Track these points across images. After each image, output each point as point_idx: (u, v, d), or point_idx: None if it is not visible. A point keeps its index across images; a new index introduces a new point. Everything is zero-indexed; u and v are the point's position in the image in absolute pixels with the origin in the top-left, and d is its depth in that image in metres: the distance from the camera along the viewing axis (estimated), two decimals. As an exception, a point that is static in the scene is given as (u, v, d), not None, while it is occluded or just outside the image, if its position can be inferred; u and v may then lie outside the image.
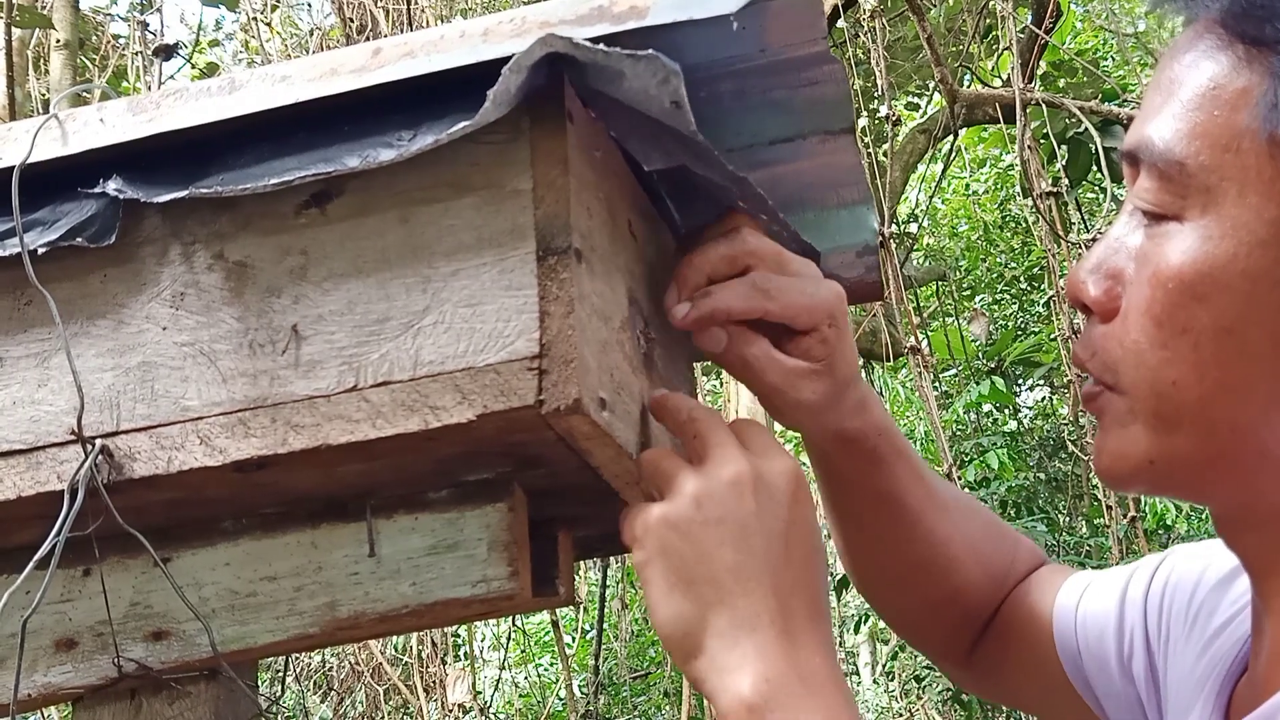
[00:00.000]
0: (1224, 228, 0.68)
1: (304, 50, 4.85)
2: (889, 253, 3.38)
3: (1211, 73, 0.69)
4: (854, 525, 1.00)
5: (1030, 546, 1.06)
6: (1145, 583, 0.94)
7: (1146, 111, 0.73)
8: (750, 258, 0.85)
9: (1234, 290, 0.67)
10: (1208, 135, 0.69)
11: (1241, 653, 0.81)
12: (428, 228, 0.74)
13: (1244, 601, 0.84)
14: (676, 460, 0.76)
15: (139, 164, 0.78)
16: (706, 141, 0.76)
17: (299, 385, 0.74)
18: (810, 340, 0.87)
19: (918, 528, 0.97)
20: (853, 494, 0.97)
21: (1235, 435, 0.69)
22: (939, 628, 1.05)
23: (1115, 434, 0.74)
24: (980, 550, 1.02)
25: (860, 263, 0.97)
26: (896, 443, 0.96)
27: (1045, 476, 6.45)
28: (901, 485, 0.96)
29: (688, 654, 0.73)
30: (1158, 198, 0.71)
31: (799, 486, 0.76)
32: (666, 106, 0.73)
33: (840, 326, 0.88)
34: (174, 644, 0.79)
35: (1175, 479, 0.73)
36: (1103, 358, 0.74)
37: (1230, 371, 0.68)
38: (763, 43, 0.81)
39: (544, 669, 6.73)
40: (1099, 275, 0.75)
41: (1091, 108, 4.41)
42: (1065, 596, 0.98)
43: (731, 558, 0.72)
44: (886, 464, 0.95)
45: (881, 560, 1.01)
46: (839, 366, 0.89)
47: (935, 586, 1.00)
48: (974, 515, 1.03)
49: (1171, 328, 0.69)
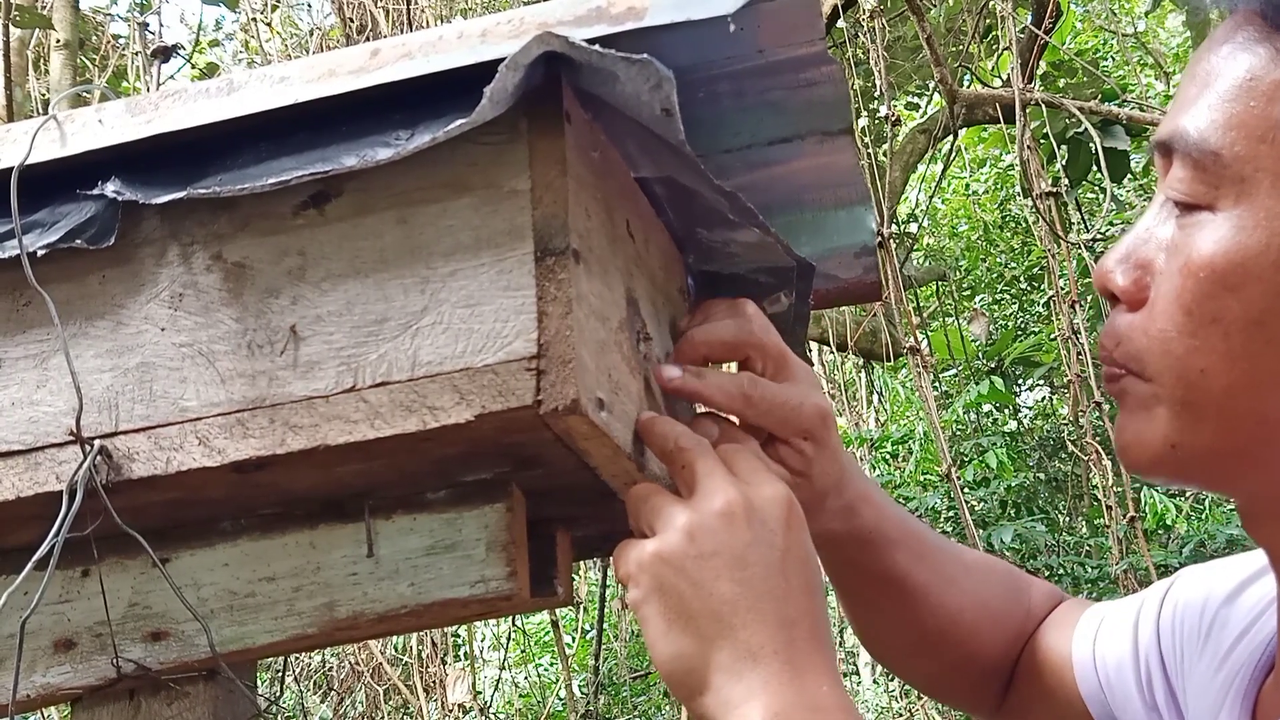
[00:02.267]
0: (1257, 218, 0.68)
1: (304, 50, 4.85)
2: (889, 253, 3.38)
3: (1249, 64, 0.69)
4: (861, 605, 1.00)
5: (1045, 588, 1.06)
6: (1155, 610, 0.94)
7: (1181, 102, 0.72)
8: (753, 350, 0.85)
9: (1266, 281, 0.67)
10: (1244, 126, 0.68)
11: (1263, 658, 0.81)
12: (426, 228, 0.74)
13: (1257, 611, 0.84)
14: (665, 494, 0.76)
15: (138, 165, 0.78)
16: (693, 154, 0.76)
17: (297, 386, 0.74)
18: (787, 451, 0.87)
19: (924, 605, 0.97)
20: (853, 578, 0.96)
21: (1262, 426, 0.69)
22: (962, 687, 1.04)
23: (1138, 416, 0.73)
24: (994, 613, 1.01)
25: (859, 263, 0.97)
26: (891, 534, 0.95)
27: (1045, 476, 6.45)
28: (902, 570, 0.96)
29: (692, 691, 0.72)
30: (1191, 188, 0.70)
31: (791, 512, 0.75)
32: (657, 113, 0.73)
33: (820, 442, 0.88)
34: (173, 644, 0.79)
35: (1198, 467, 0.73)
36: (1128, 347, 0.73)
37: (1259, 362, 0.68)
38: (760, 43, 0.81)
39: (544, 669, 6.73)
40: (1128, 265, 0.74)
41: (1091, 108, 4.41)
42: (1081, 642, 0.98)
43: (729, 590, 0.71)
44: (884, 555, 0.95)
45: (891, 638, 1.01)
46: (816, 479, 0.89)
47: (952, 653, 1.00)
48: (986, 576, 1.02)
49: (1201, 317, 0.69)
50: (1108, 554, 5.07)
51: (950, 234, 8.43)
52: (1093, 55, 6.55)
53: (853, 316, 5.36)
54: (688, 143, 0.86)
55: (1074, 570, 5.50)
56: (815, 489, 0.89)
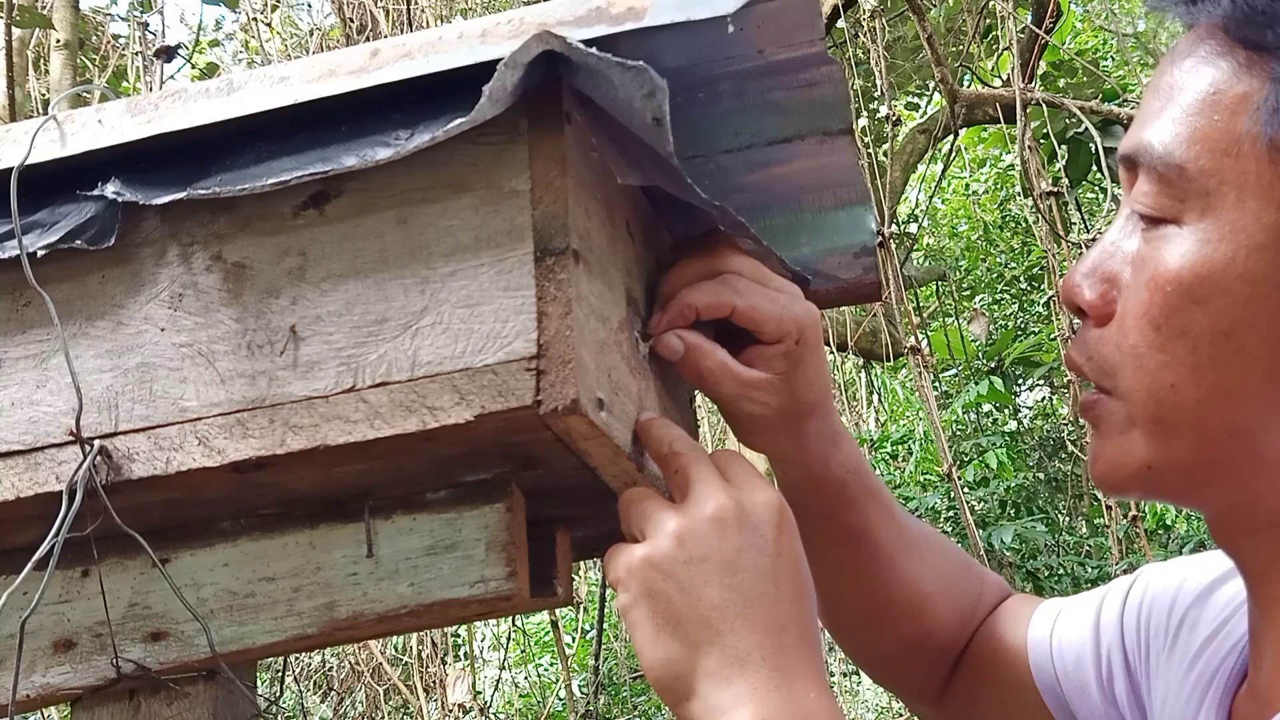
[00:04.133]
0: (1223, 232, 0.68)
1: (304, 50, 4.85)
2: (889, 253, 3.38)
3: (1212, 78, 0.69)
4: (827, 567, 0.97)
5: (996, 580, 1.06)
6: (1119, 604, 0.94)
7: (1145, 116, 0.73)
8: (728, 270, 0.85)
9: (1233, 294, 0.67)
10: (1208, 140, 0.69)
11: (1237, 664, 0.81)
12: (426, 228, 0.74)
13: (1227, 613, 0.84)
14: (657, 499, 0.76)
15: (138, 165, 0.78)
16: (680, 168, 0.76)
17: (297, 386, 0.74)
18: (773, 351, 0.86)
19: (890, 567, 0.96)
20: (824, 533, 0.95)
21: (1233, 439, 0.69)
22: (913, 668, 1.03)
23: (1113, 441, 0.74)
24: (950, 587, 1.01)
25: (858, 263, 0.97)
26: (868, 482, 0.95)
27: (1045, 476, 6.45)
28: (873, 524, 0.95)
29: (679, 697, 0.72)
30: (1156, 201, 0.71)
31: (783, 518, 0.75)
32: (648, 122, 0.73)
33: (808, 344, 0.87)
34: (172, 645, 0.79)
35: (1172, 484, 0.73)
36: (1098, 362, 0.74)
37: (1228, 375, 0.68)
38: (760, 43, 0.81)
39: (544, 669, 6.73)
40: (1094, 279, 0.75)
41: (1091, 108, 4.41)
42: (1038, 627, 0.98)
43: (718, 596, 0.71)
44: (858, 503, 0.94)
45: (854, 602, 1.00)
46: (799, 386, 0.87)
47: (908, 626, 0.99)
48: (944, 552, 1.02)
49: (1169, 331, 0.69)
50: (1108, 554, 5.07)
51: (950, 234, 8.42)
52: (1093, 55, 6.55)
53: (853, 316, 5.36)
54: (688, 143, 0.86)
55: (1074, 570, 5.50)
56: (797, 398, 0.88)
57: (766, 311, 0.85)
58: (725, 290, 0.83)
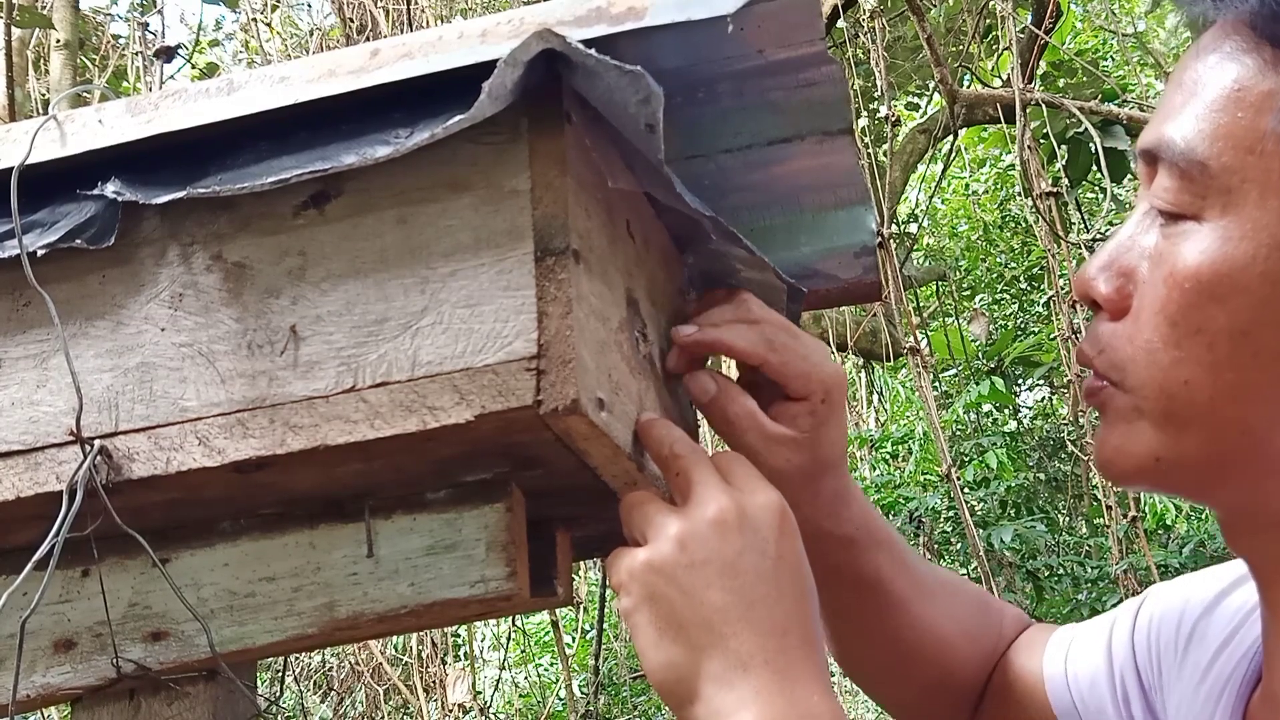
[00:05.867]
0: (1244, 229, 0.67)
1: (304, 50, 4.85)
2: (889, 253, 3.38)
3: (1236, 74, 0.69)
4: (841, 618, 0.98)
5: (1015, 614, 1.06)
6: (1129, 626, 0.94)
7: (1166, 110, 0.72)
8: (762, 321, 0.85)
9: (1251, 292, 0.67)
10: (1231, 136, 0.68)
11: (1249, 670, 0.80)
12: (426, 228, 0.74)
13: (1237, 621, 0.83)
14: (658, 502, 0.76)
15: (138, 165, 0.78)
16: (670, 175, 0.76)
17: (297, 386, 0.74)
18: (799, 408, 0.86)
19: (905, 614, 0.96)
20: (836, 586, 0.94)
21: (1245, 437, 0.69)
22: (939, 709, 1.03)
23: (1120, 429, 0.73)
24: (969, 628, 1.01)
25: (858, 263, 0.97)
26: (878, 534, 0.95)
27: (1045, 476, 6.45)
28: (885, 574, 0.95)
29: (682, 700, 0.72)
30: (1177, 197, 0.70)
31: (785, 520, 0.75)
32: (641, 128, 0.72)
33: (833, 404, 0.87)
34: (172, 644, 0.79)
35: (1181, 478, 0.73)
36: (1110, 356, 0.73)
37: (1244, 374, 0.68)
38: (760, 43, 0.81)
39: (544, 669, 6.73)
40: (1110, 273, 0.74)
41: (1091, 108, 4.41)
42: (1052, 660, 0.98)
43: (720, 599, 0.71)
44: (867, 555, 0.94)
45: (871, 652, 1.00)
46: (822, 445, 0.88)
47: (928, 671, 0.99)
48: (959, 594, 1.02)
49: (1186, 328, 0.69)
50: (1108, 554, 5.07)
51: (950, 234, 8.42)
52: (1093, 55, 6.55)
53: (853, 316, 5.36)
54: (688, 143, 0.86)
55: (1074, 570, 5.49)
56: (818, 457, 0.88)
57: (798, 368, 0.85)
58: (762, 341, 0.84)
